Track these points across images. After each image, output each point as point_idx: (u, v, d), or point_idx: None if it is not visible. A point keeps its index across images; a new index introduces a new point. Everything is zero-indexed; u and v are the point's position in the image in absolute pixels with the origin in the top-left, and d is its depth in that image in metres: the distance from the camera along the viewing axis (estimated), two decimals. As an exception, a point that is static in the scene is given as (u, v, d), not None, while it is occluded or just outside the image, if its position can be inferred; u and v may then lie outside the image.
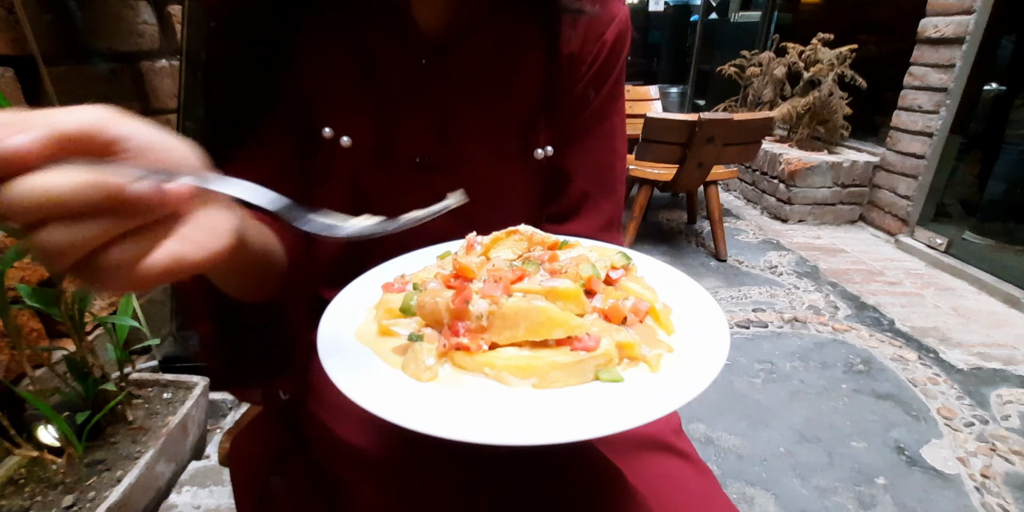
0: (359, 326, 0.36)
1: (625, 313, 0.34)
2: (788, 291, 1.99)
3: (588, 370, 0.30)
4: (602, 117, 0.57)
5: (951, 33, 2.26)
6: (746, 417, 1.32)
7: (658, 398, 0.28)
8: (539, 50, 0.52)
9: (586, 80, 0.54)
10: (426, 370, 0.31)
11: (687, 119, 1.94)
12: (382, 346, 0.34)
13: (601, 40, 0.54)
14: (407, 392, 0.30)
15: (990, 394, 1.40)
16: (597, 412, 0.28)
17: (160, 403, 1.17)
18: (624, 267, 0.38)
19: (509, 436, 0.27)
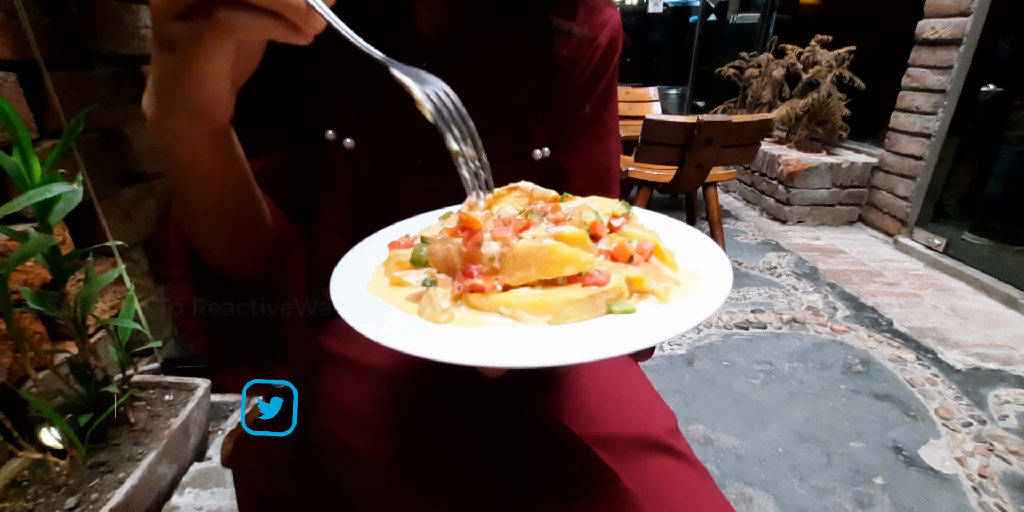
0: (369, 282, 0.37)
1: (631, 252, 0.34)
2: (787, 292, 2.00)
3: (600, 304, 0.31)
4: (597, 118, 0.58)
5: (948, 35, 2.27)
6: (745, 418, 1.32)
7: (671, 322, 0.29)
8: (534, 54, 0.53)
9: (580, 82, 0.55)
10: (443, 312, 0.32)
11: (686, 121, 1.94)
12: (396, 296, 0.34)
13: (594, 44, 0.55)
14: (428, 332, 0.31)
15: (988, 394, 1.41)
16: (613, 336, 0.29)
17: (162, 405, 1.18)
18: (625, 215, 0.39)
19: (531, 358, 0.28)
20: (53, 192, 0.81)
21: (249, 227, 0.42)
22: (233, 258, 0.43)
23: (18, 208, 0.80)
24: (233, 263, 0.43)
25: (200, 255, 0.42)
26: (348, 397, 0.52)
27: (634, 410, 0.53)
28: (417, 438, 0.47)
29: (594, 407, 0.51)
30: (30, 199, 0.79)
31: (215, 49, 0.27)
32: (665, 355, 1.59)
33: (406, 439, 0.47)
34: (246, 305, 0.45)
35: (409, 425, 0.48)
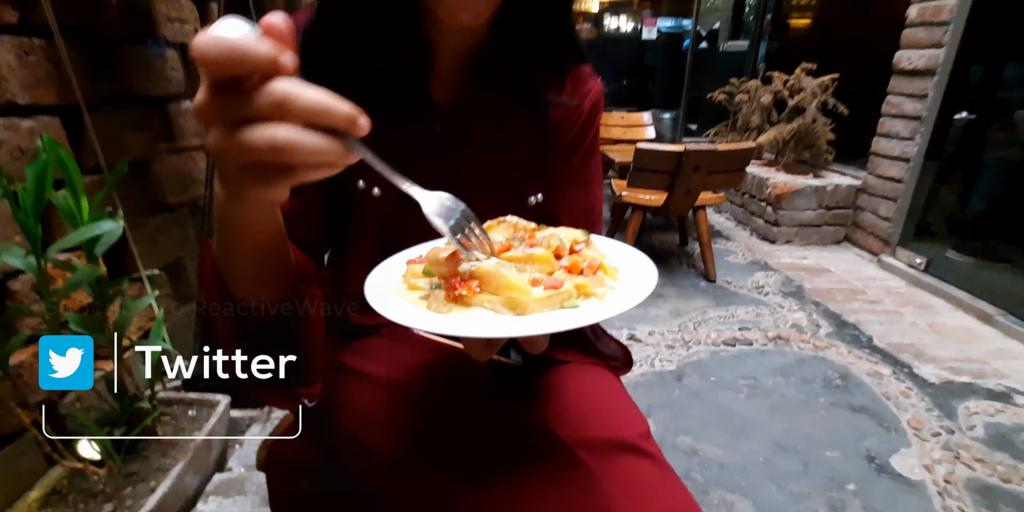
0: (393, 287, 0.48)
1: (582, 267, 0.46)
2: (773, 310, 2.09)
3: (556, 302, 0.42)
4: (582, 169, 0.69)
5: (923, 65, 2.41)
6: (729, 429, 1.41)
7: (599, 312, 0.41)
8: (530, 119, 0.64)
9: (568, 141, 0.66)
10: (444, 305, 0.43)
11: (674, 150, 2.07)
12: (412, 296, 0.46)
13: (580, 109, 0.66)
14: (431, 316, 0.42)
15: (958, 406, 1.50)
16: (557, 320, 0.40)
17: (186, 420, 1.27)
18: (585, 242, 0.50)
19: (499, 331, 0.39)
20: (102, 229, 0.92)
21: (277, 265, 0.51)
22: (259, 289, 0.51)
23: (72, 244, 0.91)
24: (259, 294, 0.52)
25: (231, 287, 0.51)
26: (363, 404, 0.61)
27: (610, 417, 0.63)
28: (423, 437, 0.56)
29: (576, 414, 0.61)
30: (82, 235, 0.90)
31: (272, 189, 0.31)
32: (656, 371, 1.68)
33: (414, 438, 0.56)
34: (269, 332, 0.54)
35: (415, 427, 0.57)
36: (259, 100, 0.26)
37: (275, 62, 0.26)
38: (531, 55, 0.59)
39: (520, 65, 0.60)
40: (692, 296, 2.23)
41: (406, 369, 0.63)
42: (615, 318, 1.88)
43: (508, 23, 0.57)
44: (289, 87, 0.26)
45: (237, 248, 0.44)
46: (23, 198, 0.85)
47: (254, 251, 0.46)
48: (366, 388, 0.63)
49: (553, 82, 0.63)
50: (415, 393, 0.61)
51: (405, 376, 0.62)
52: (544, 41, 0.59)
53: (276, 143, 0.26)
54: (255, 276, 0.49)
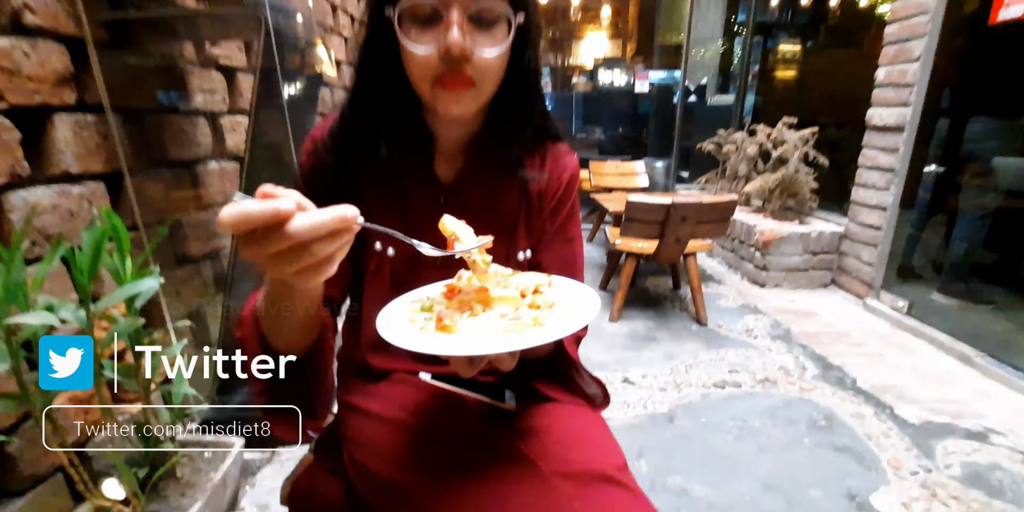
0: (399, 320, 0.58)
1: (540, 305, 0.56)
2: (762, 353, 2.18)
3: (518, 330, 0.52)
4: (564, 228, 0.81)
5: (893, 122, 2.59)
6: (718, 470, 1.48)
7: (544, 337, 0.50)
8: (518, 190, 0.77)
9: (551, 207, 0.79)
10: (433, 333, 0.53)
11: (662, 202, 2.21)
12: (411, 327, 0.55)
13: (559, 180, 0.79)
14: (422, 340, 0.51)
15: (936, 446, 1.56)
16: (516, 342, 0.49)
17: (202, 461, 1.35)
18: (548, 283, 0.61)
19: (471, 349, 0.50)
20: (144, 287, 1.04)
21: (312, 321, 0.63)
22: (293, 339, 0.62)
23: (117, 300, 1.02)
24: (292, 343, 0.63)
25: (268, 337, 0.62)
26: (375, 440, 0.71)
27: (591, 451, 0.72)
28: (425, 469, 0.66)
29: (560, 449, 0.70)
30: (128, 292, 1.02)
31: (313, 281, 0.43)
32: (648, 413, 1.75)
33: (417, 469, 0.65)
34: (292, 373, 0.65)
35: (419, 459, 0.67)
36: (281, 242, 0.38)
37: (276, 213, 0.37)
38: (513, 140, 0.73)
39: (505, 149, 0.73)
40: (684, 339, 2.32)
41: (413, 411, 0.73)
42: (610, 362, 1.96)
43: (493, 116, 0.71)
44: (292, 227, 0.38)
45: (283, 315, 0.56)
46: (79, 260, 0.97)
47: (297, 312, 0.57)
48: (377, 426, 0.72)
49: (534, 159, 0.77)
50: (420, 431, 0.70)
51: (411, 417, 0.72)
52: (523, 128, 0.72)
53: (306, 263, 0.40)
54: (295, 329, 0.60)
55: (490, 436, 0.68)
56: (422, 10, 0.57)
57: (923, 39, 2.39)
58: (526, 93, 0.69)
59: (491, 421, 0.73)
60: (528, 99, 0.70)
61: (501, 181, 0.76)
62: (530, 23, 0.63)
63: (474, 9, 0.57)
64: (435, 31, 0.57)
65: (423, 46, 0.58)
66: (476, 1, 0.56)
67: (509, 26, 0.60)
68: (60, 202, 1.15)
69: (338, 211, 0.40)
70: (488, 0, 0.57)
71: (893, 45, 2.58)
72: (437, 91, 0.61)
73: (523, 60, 0.65)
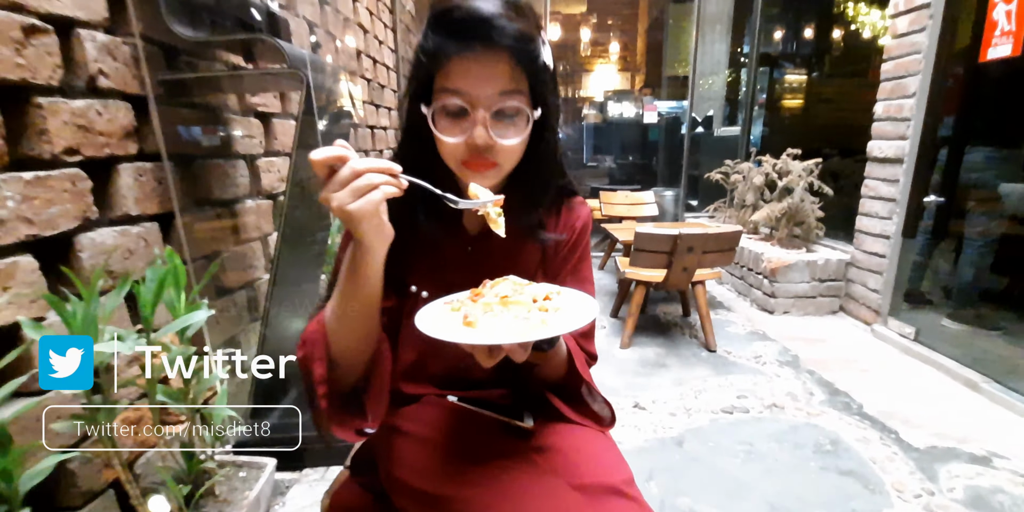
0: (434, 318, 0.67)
1: (548, 308, 0.65)
2: (770, 379, 2.24)
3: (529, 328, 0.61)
4: (578, 269, 0.92)
5: (892, 154, 2.69)
6: (725, 491, 1.53)
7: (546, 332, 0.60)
8: (536, 238, 0.88)
9: (566, 251, 0.89)
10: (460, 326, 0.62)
11: (669, 233, 2.31)
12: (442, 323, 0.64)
13: (573, 228, 0.89)
14: (455, 333, 0.61)
15: (940, 469, 1.61)
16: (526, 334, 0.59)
17: (238, 480, 1.44)
18: (556, 292, 0.70)
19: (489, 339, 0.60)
20: (196, 319, 1.16)
21: (372, 327, 0.73)
22: (356, 346, 0.73)
23: (174, 330, 1.14)
24: (354, 349, 0.73)
25: (332, 345, 0.72)
26: (407, 455, 0.80)
27: (601, 466, 0.81)
28: (452, 481, 0.75)
29: (573, 464, 0.79)
30: (183, 323, 1.14)
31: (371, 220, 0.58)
32: (658, 437, 1.82)
33: (445, 481, 0.74)
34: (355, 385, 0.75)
35: (447, 472, 0.76)
36: (348, 175, 0.56)
37: (342, 157, 0.56)
38: (532, 206, 0.83)
39: (525, 207, 0.84)
40: (694, 365, 2.38)
41: (441, 429, 0.83)
42: (622, 388, 2.03)
43: (515, 179, 0.82)
44: (354, 164, 0.56)
45: (351, 310, 0.68)
46: (143, 294, 1.10)
47: (363, 313, 0.69)
48: (410, 443, 0.82)
49: (551, 214, 0.87)
50: (448, 446, 0.79)
51: (440, 434, 0.81)
52: (542, 194, 0.83)
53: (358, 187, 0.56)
54: (360, 334, 0.71)
55: (511, 451, 0.77)
56: (452, 108, 0.67)
57: (917, 76, 2.51)
58: (545, 164, 0.79)
59: (511, 438, 0.82)
60: (546, 169, 0.80)
61: (521, 230, 0.87)
62: (548, 112, 0.72)
63: (496, 108, 0.67)
64: (463, 123, 0.68)
65: (453, 138, 0.69)
66: (498, 102, 0.67)
67: (528, 118, 0.70)
68: (121, 241, 1.28)
69: (384, 161, 0.58)
70: (509, 101, 0.67)
71: (889, 81, 2.70)
72: (464, 170, 0.72)
73: (542, 139, 0.75)
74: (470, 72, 0.66)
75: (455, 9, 0.64)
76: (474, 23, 0.63)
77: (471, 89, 0.66)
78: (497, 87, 0.66)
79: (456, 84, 0.66)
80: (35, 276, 1.05)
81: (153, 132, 1.37)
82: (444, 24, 0.65)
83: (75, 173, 1.14)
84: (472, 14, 0.64)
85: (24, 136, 1.05)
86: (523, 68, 0.67)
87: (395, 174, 0.59)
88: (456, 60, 0.65)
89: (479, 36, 0.64)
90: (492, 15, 0.63)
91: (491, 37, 0.63)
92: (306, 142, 1.54)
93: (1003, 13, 2.10)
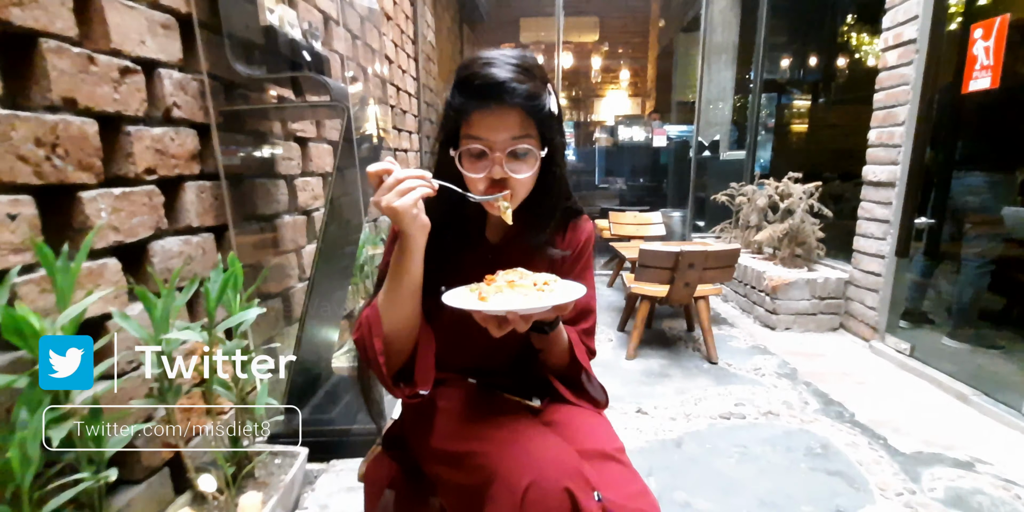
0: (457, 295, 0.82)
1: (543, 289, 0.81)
2: (767, 389, 2.36)
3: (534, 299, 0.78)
4: (582, 277, 1.06)
5: (885, 178, 2.84)
6: (720, 488, 1.65)
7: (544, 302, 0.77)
8: (546, 250, 1.04)
9: (571, 261, 1.05)
10: (476, 299, 0.79)
11: (671, 250, 2.47)
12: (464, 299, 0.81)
13: (578, 242, 1.06)
14: (472, 304, 0.77)
15: (924, 472, 1.72)
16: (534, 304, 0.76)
17: (274, 466, 1.60)
18: (553, 280, 0.85)
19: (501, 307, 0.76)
20: (251, 315, 1.33)
21: (416, 308, 0.89)
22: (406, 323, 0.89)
23: (231, 324, 1.32)
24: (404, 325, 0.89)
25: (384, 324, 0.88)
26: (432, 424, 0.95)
27: (596, 437, 0.95)
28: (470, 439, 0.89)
29: (573, 434, 0.94)
30: (239, 319, 1.32)
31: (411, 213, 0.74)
32: (658, 439, 1.95)
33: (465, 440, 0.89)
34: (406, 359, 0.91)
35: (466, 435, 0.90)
36: (392, 182, 0.74)
37: (389, 170, 0.74)
38: (541, 221, 0.99)
39: (535, 227, 1.00)
40: (695, 376, 2.51)
41: (463, 402, 0.98)
42: (626, 396, 2.16)
43: (528, 204, 0.97)
44: (397, 173, 0.74)
45: (399, 293, 0.85)
46: (209, 293, 1.28)
47: (408, 295, 0.86)
48: (437, 414, 0.97)
49: (560, 228, 1.04)
50: (468, 415, 0.95)
51: (462, 406, 0.97)
52: (550, 216, 0.99)
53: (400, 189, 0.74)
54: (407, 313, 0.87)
55: (523, 418, 0.92)
56: (474, 151, 0.84)
57: (906, 106, 2.67)
58: (551, 192, 0.95)
59: (523, 411, 0.98)
60: (553, 195, 0.96)
61: (534, 244, 1.02)
62: (554, 149, 0.89)
63: (510, 149, 0.84)
64: (484, 162, 0.85)
65: (476, 174, 0.86)
66: (511, 144, 0.83)
67: (536, 157, 0.86)
68: (183, 249, 1.47)
69: (419, 170, 0.76)
70: (520, 144, 0.82)
71: (881, 110, 2.87)
72: None
73: (549, 171, 0.91)
74: (488, 123, 0.81)
75: (475, 76, 0.80)
76: (489, 88, 0.79)
77: (489, 136, 0.82)
78: (510, 133, 0.82)
79: (477, 132, 0.82)
80: (118, 276, 1.24)
81: (213, 155, 1.57)
82: (467, 87, 0.81)
83: (152, 190, 1.34)
84: (488, 81, 0.79)
85: (114, 159, 1.25)
86: (531, 117, 0.83)
87: (426, 178, 0.76)
88: (476, 114, 0.81)
89: (494, 97, 0.79)
90: (504, 80, 0.78)
91: (503, 98, 0.79)
92: (345, 165, 1.73)
93: (982, 49, 2.26)
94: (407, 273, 0.83)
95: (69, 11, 1.11)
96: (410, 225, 0.77)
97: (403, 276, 0.83)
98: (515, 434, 0.86)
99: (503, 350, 1.02)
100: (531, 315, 0.80)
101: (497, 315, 0.79)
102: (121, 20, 1.24)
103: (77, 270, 0.98)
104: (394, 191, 0.73)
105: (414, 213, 0.75)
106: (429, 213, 0.81)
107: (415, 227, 0.77)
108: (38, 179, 1.03)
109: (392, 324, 0.86)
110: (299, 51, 1.71)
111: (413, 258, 0.82)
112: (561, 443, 0.86)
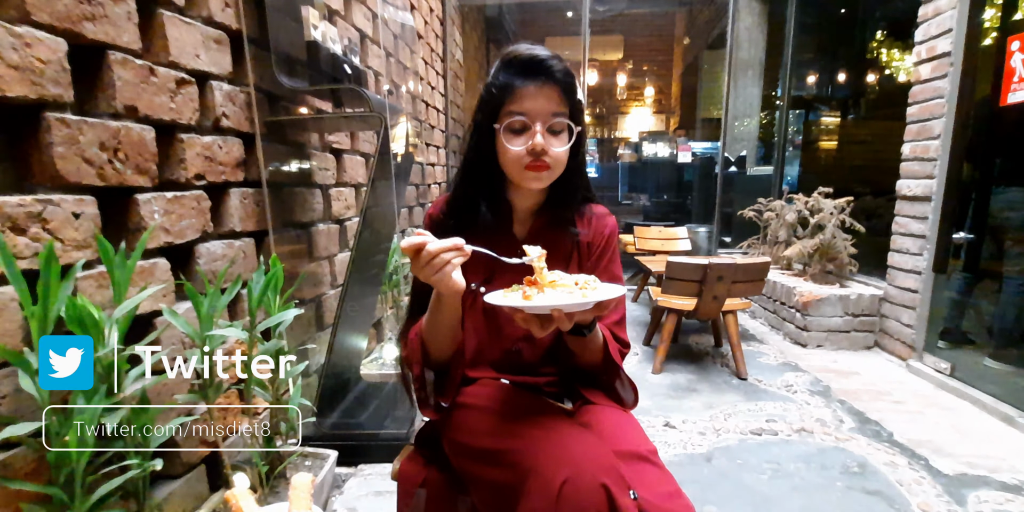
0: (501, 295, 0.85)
1: (584, 287, 0.83)
2: (800, 406, 2.30)
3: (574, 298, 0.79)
4: (608, 269, 1.08)
5: (921, 193, 2.79)
6: (751, 504, 1.62)
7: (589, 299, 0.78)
8: (571, 242, 1.06)
9: (597, 253, 1.07)
10: (519, 299, 0.81)
11: (700, 263, 2.46)
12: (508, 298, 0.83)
13: (602, 235, 1.08)
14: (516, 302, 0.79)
15: (969, 495, 1.65)
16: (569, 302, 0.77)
17: (304, 468, 1.62)
18: (594, 280, 0.86)
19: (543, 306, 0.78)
20: (289, 316, 1.37)
21: (455, 334, 0.93)
22: (445, 347, 0.92)
23: (271, 324, 1.36)
24: (444, 349, 0.93)
25: (428, 348, 0.92)
26: (465, 422, 0.97)
27: (629, 438, 0.95)
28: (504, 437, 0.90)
29: (608, 434, 0.94)
30: (278, 319, 1.35)
31: (448, 277, 0.79)
32: (687, 453, 1.91)
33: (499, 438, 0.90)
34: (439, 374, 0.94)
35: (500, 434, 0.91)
36: (427, 256, 0.75)
37: (423, 244, 0.75)
38: (568, 205, 1.03)
39: (562, 211, 1.03)
40: (724, 391, 2.47)
41: (496, 401, 0.99)
42: (653, 409, 2.14)
43: (553, 190, 1.01)
44: (428, 246, 0.75)
45: (439, 323, 0.91)
46: (252, 293, 1.32)
47: (448, 324, 0.90)
48: (470, 413, 0.98)
49: (582, 217, 1.06)
50: (502, 413, 0.96)
51: (495, 404, 0.98)
52: (575, 196, 1.03)
53: (436, 264, 0.76)
54: (447, 339, 0.92)
55: (557, 417, 0.93)
56: (516, 125, 0.91)
57: (941, 119, 2.64)
58: (576, 173, 1.01)
59: (557, 412, 0.98)
60: (577, 177, 1.02)
61: (560, 236, 1.06)
62: (582, 130, 0.96)
63: (549, 124, 0.91)
64: (524, 136, 0.91)
65: (517, 147, 0.91)
66: (551, 119, 0.90)
67: (571, 132, 0.93)
68: (226, 252, 1.52)
69: (452, 240, 0.78)
70: (558, 119, 0.91)
71: (915, 124, 2.83)
72: (525, 173, 0.93)
73: (577, 153, 0.98)
74: (531, 96, 0.89)
75: (521, 54, 0.90)
76: (535, 63, 0.89)
77: (531, 109, 0.89)
78: (551, 109, 0.90)
79: (519, 106, 0.89)
80: (167, 275, 1.29)
81: (256, 163, 1.64)
82: (513, 64, 0.90)
83: (200, 194, 1.40)
84: (533, 57, 0.89)
85: (168, 164, 1.32)
86: (567, 98, 0.91)
87: (460, 248, 0.78)
88: (520, 90, 0.89)
89: (538, 72, 0.89)
90: (546, 58, 0.89)
91: (547, 73, 0.89)
92: (380, 176, 1.78)
93: (1019, 61, 2.23)
94: (445, 313, 0.90)
95: (135, 25, 1.18)
96: (447, 290, 0.82)
97: (442, 315, 0.90)
98: (550, 432, 0.87)
99: (533, 349, 1.05)
100: (574, 313, 0.81)
101: (541, 313, 0.81)
102: (179, 35, 1.31)
103: (133, 266, 1.02)
104: (430, 266, 0.77)
105: (450, 283, 0.80)
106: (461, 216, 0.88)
107: (451, 292, 0.83)
108: (100, 181, 1.09)
109: (434, 347, 0.95)
110: (339, 65, 1.78)
111: (450, 303, 0.89)
112: (597, 441, 0.86)
